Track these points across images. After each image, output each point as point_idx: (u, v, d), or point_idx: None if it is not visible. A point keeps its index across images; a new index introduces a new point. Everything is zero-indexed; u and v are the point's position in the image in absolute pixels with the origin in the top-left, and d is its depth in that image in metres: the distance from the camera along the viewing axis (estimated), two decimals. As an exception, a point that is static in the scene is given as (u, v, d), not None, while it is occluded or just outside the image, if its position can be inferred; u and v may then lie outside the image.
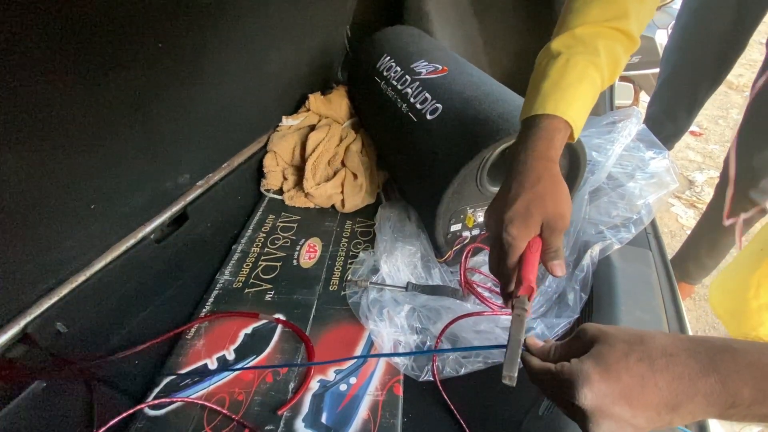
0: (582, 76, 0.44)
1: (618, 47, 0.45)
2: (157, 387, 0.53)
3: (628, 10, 0.44)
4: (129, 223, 0.65)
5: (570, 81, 0.43)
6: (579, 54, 0.44)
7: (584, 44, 0.44)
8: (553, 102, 0.43)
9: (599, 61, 0.44)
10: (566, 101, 0.43)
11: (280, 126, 0.94)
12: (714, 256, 1.29)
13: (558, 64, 0.44)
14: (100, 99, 0.50)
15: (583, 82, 0.43)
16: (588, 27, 0.45)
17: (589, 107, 0.45)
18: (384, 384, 0.54)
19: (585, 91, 0.44)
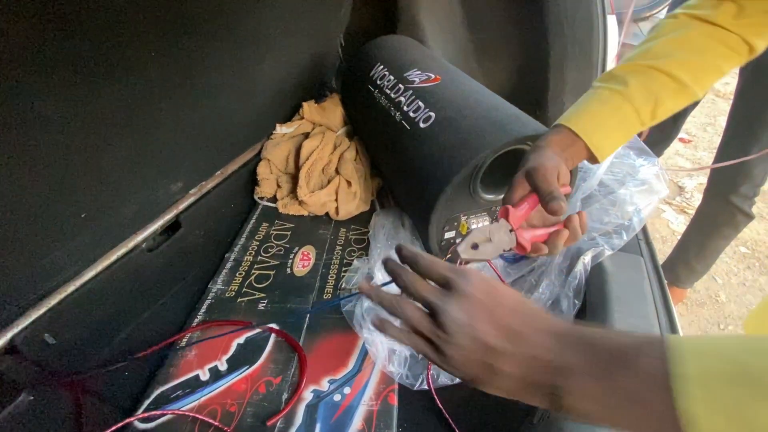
0: (602, 100, 0.46)
1: (655, 85, 0.45)
2: (147, 399, 0.52)
3: (670, 52, 0.45)
4: (120, 232, 0.64)
5: (588, 103, 0.46)
6: (605, 86, 0.46)
7: (615, 78, 0.46)
8: (564, 118, 0.46)
9: (626, 91, 0.45)
10: (576, 115, 0.46)
11: (274, 134, 0.94)
12: (703, 261, 1.31)
13: (584, 96, 0.48)
14: (91, 107, 0.50)
15: (599, 104, 0.46)
16: (624, 66, 0.47)
17: (607, 125, 0.45)
18: (378, 393, 0.54)
19: (599, 109, 0.45)
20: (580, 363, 0.26)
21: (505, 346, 0.28)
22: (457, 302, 0.30)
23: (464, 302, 0.30)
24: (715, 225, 1.23)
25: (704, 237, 1.26)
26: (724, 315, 1.44)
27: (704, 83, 0.46)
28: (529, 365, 0.27)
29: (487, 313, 0.29)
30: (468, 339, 0.29)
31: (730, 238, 1.25)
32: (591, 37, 0.96)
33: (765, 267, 1.61)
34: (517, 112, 0.65)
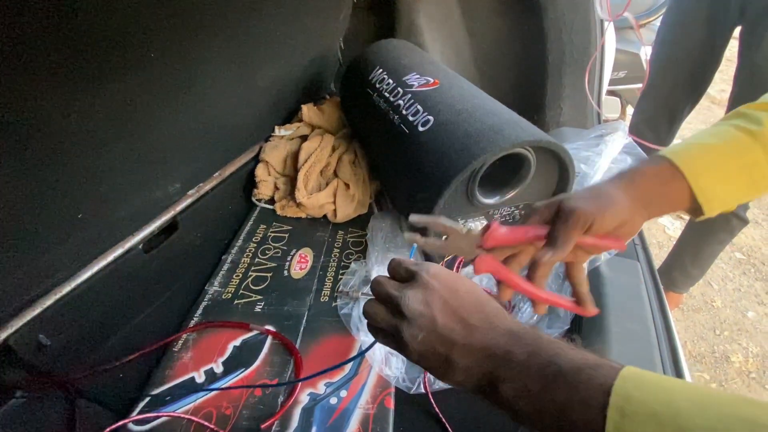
0: (724, 137, 0.36)
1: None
2: (141, 401, 0.52)
3: None
4: (117, 233, 0.64)
5: (703, 137, 0.37)
6: (731, 123, 0.37)
7: (745, 117, 0.37)
8: (668, 149, 0.37)
9: (761, 132, 0.35)
10: (685, 148, 0.36)
11: (273, 136, 0.94)
12: (699, 266, 1.31)
13: (699, 132, 0.38)
14: (89, 106, 0.50)
15: (717, 140, 0.36)
16: (758, 105, 0.37)
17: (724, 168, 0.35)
18: (375, 397, 0.53)
19: (718, 147, 0.35)
20: (525, 359, 0.26)
21: (459, 337, 0.28)
22: (416, 291, 0.30)
23: (422, 291, 0.30)
24: (711, 230, 1.24)
25: (700, 242, 1.27)
26: (720, 320, 1.45)
27: None
28: (479, 356, 0.28)
29: (442, 303, 0.29)
30: (423, 327, 0.29)
31: (725, 243, 1.26)
32: (589, 43, 0.97)
33: (760, 273, 1.62)
34: (515, 117, 0.65)
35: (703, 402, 0.21)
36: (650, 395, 0.21)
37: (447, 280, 0.31)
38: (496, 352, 0.27)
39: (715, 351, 1.35)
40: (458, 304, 0.29)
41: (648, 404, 0.21)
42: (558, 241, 0.34)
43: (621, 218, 0.35)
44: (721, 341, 1.38)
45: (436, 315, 0.29)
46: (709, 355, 1.34)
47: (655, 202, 0.36)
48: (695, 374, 1.28)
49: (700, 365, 1.31)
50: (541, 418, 0.25)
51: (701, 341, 1.38)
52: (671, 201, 0.36)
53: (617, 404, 0.22)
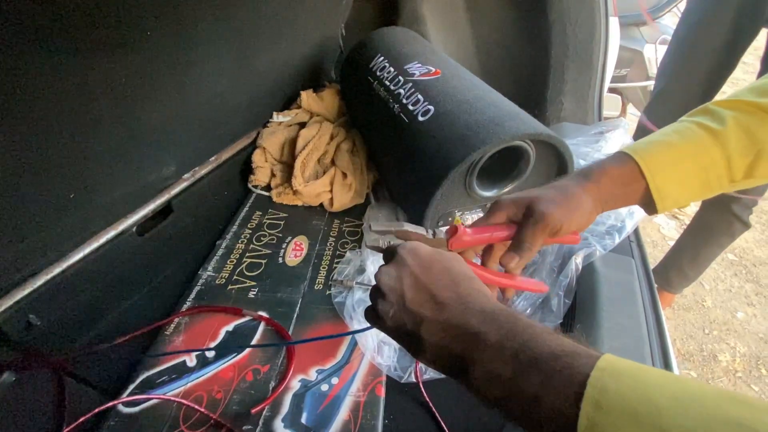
0: (686, 135, 0.36)
1: (763, 133, 0.35)
2: (132, 383, 0.52)
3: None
4: (110, 215, 0.63)
5: (666, 135, 0.37)
6: (695, 120, 0.37)
7: (711, 115, 0.37)
8: (631, 147, 0.37)
9: (722, 132, 0.35)
10: (647, 145, 0.37)
11: (270, 122, 0.93)
12: (696, 267, 1.32)
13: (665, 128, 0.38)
14: (83, 84, 0.49)
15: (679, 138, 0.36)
16: (727, 101, 0.37)
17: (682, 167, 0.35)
18: (366, 385, 0.54)
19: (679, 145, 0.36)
20: (497, 342, 0.25)
21: (427, 313, 0.28)
22: (389, 267, 0.30)
23: (395, 267, 0.30)
24: (712, 233, 1.24)
25: (700, 244, 1.28)
26: (710, 320, 1.46)
27: None
28: (448, 335, 0.27)
29: (413, 279, 0.29)
30: (394, 302, 0.29)
31: (724, 246, 1.27)
32: (592, 39, 0.96)
33: (751, 274, 1.64)
34: (516, 109, 0.65)
35: (687, 400, 0.19)
36: (628, 389, 0.20)
37: (423, 257, 0.30)
38: (466, 332, 0.26)
39: (704, 350, 1.37)
40: (429, 281, 0.29)
41: (626, 399, 0.20)
42: (525, 245, 0.34)
43: (586, 219, 0.36)
44: (710, 340, 1.40)
45: (405, 290, 0.29)
46: (697, 354, 1.36)
47: (613, 200, 0.37)
48: (683, 372, 1.30)
49: (688, 363, 1.33)
50: (511, 405, 0.24)
51: (690, 340, 1.40)
52: (628, 198, 0.37)
53: (593, 396, 0.20)
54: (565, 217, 0.34)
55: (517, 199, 0.36)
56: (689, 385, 0.21)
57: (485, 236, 0.36)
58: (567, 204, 0.35)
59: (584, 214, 0.36)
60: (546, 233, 0.35)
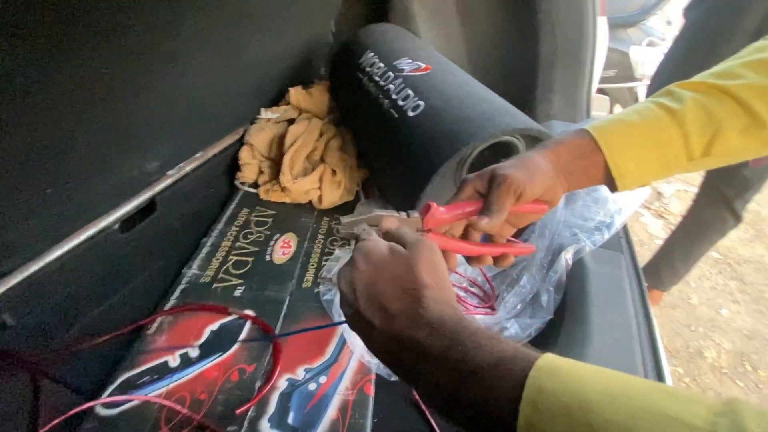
0: (644, 114, 0.36)
1: (720, 112, 0.35)
2: (111, 384, 0.50)
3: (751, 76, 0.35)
4: (90, 211, 0.61)
5: (626, 114, 0.37)
6: (655, 100, 0.37)
7: (671, 95, 0.37)
8: (591, 124, 0.38)
9: (680, 110, 0.35)
10: (606, 123, 0.37)
11: (258, 118, 0.91)
12: (687, 265, 1.34)
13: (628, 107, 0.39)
14: (63, 75, 0.47)
15: (638, 117, 0.36)
16: (688, 83, 0.37)
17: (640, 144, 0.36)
18: (355, 383, 0.53)
19: (637, 123, 0.36)
20: (441, 354, 0.25)
21: (378, 322, 0.28)
22: (345, 269, 0.30)
23: (350, 270, 0.30)
24: (707, 230, 1.25)
25: (694, 241, 1.29)
26: (695, 317, 1.49)
27: None
28: (397, 347, 0.27)
29: (365, 286, 0.29)
30: (350, 305, 0.29)
31: (715, 243, 1.28)
32: (581, 38, 0.96)
33: (735, 272, 1.67)
34: (506, 105, 0.64)
35: (616, 394, 0.20)
36: (562, 386, 0.20)
37: (376, 261, 0.29)
38: (412, 346, 0.26)
39: (690, 346, 1.39)
40: (380, 290, 0.28)
41: (560, 397, 0.20)
42: (493, 207, 0.34)
43: (547, 184, 0.36)
44: (696, 337, 1.42)
45: (358, 297, 0.29)
46: (684, 351, 1.38)
47: (575, 173, 0.37)
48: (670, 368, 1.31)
49: (675, 360, 1.35)
50: (457, 415, 0.24)
51: (677, 337, 1.42)
52: (589, 174, 0.37)
53: (529, 397, 0.21)
54: (526, 178, 0.35)
55: (482, 173, 0.37)
56: (620, 379, 0.21)
57: (458, 212, 0.36)
58: (526, 167, 0.36)
59: (544, 178, 0.36)
60: (511, 194, 0.35)
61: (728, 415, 0.18)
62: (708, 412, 0.18)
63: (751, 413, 0.18)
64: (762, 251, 1.76)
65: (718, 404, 0.19)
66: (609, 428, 0.19)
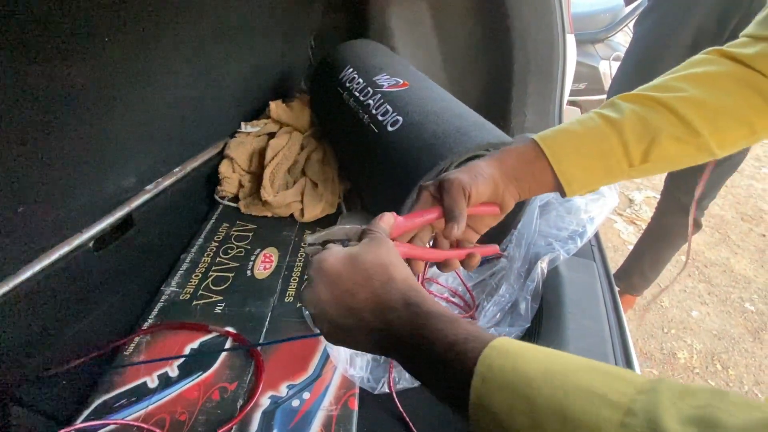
0: (587, 124, 0.39)
1: (656, 121, 0.37)
2: (87, 409, 0.49)
3: (685, 87, 0.37)
4: (63, 229, 0.59)
5: (570, 124, 0.39)
6: (598, 111, 0.39)
7: (612, 107, 0.39)
8: (540, 133, 0.40)
9: (619, 120, 0.37)
10: (552, 132, 0.39)
11: (239, 132, 0.91)
12: (656, 269, 1.39)
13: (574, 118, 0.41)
14: (33, 90, 0.46)
15: (581, 127, 0.39)
16: (628, 95, 0.40)
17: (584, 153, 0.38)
18: (339, 398, 0.53)
19: (580, 132, 0.38)
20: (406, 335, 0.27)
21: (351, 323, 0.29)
22: (306, 291, 0.32)
23: (310, 290, 0.31)
24: (670, 236, 1.31)
25: (660, 248, 1.34)
26: (668, 319, 1.54)
27: (725, 137, 0.37)
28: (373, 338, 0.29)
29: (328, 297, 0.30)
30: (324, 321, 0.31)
31: (679, 248, 1.34)
32: (552, 54, 1.01)
33: (703, 275, 1.75)
34: (481, 119, 0.67)
35: (554, 372, 0.22)
36: (510, 364, 0.22)
37: (329, 272, 0.30)
38: (385, 335, 0.28)
39: (663, 348, 1.44)
40: (341, 293, 0.29)
41: (506, 373, 0.22)
42: (455, 212, 0.36)
43: (492, 187, 0.38)
44: (669, 339, 1.47)
45: (326, 308, 0.30)
46: (657, 352, 1.43)
47: (523, 179, 0.39)
48: (645, 371, 1.35)
49: (649, 362, 1.39)
50: (432, 387, 0.27)
51: (651, 339, 1.47)
52: (538, 180, 0.39)
53: (481, 372, 0.23)
54: (473, 182, 0.37)
55: (433, 182, 0.40)
56: (561, 359, 0.23)
57: (418, 220, 0.38)
58: (470, 171, 0.38)
59: (489, 181, 0.38)
60: (461, 194, 0.36)
61: (648, 393, 0.19)
62: (632, 389, 0.20)
63: (671, 391, 0.19)
64: (727, 254, 1.85)
65: (644, 382, 0.20)
66: (544, 401, 0.21)
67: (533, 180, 0.39)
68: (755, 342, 1.46)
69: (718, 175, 1.15)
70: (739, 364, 1.39)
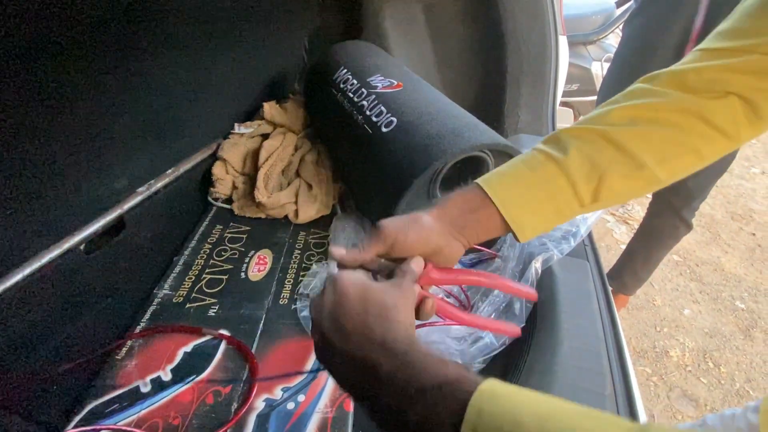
0: (532, 165, 0.37)
1: (602, 158, 0.36)
2: (78, 415, 0.48)
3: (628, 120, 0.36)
4: (53, 232, 0.59)
5: (515, 166, 0.38)
6: (543, 149, 0.38)
7: (557, 143, 0.38)
8: (483, 177, 0.38)
9: (565, 160, 0.36)
10: (498, 176, 0.38)
11: (232, 133, 0.91)
12: (647, 269, 1.41)
13: (517, 156, 0.40)
14: (24, 91, 0.46)
15: (527, 169, 0.38)
16: (572, 129, 0.38)
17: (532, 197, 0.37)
18: (334, 400, 0.52)
19: (527, 176, 0.37)
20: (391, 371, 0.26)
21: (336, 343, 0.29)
22: (316, 299, 0.32)
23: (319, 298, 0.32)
24: (661, 237, 1.32)
25: (651, 248, 1.36)
26: (660, 318, 1.56)
27: (672, 166, 0.36)
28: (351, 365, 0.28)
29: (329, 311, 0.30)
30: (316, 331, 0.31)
31: (671, 248, 1.36)
32: (544, 55, 1.01)
33: (695, 274, 1.77)
34: (475, 120, 0.67)
35: (545, 417, 0.21)
36: (500, 409, 0.22)
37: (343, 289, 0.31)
38: (364, 365, 0.27)
39: (656, 346, 1.45)
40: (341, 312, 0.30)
41: (496, 418, 0.22)
42: (360, 246, 0.35)
43: (426, 237, 0.36)
44: (662, 337, 1.48)
45: (323, 320, 0.30)
46: (650, 351, 1.44)
47: (469, 227, 0.37)
48: (638, 368, 1.37)
49: (643, 360, 1.41)
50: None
51: (644, 337, 1.48)
52: (485, 227, 0.37)
53: (470, 419, 0.22)
54: (401, 232, 0.35)
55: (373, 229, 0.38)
56: (551, 404, 0.23)
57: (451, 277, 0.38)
58: (406, 222, 0.36)
59: (426, 233, 0.36)
60: (380, 242, 0.35)
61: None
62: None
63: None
64: (718, 253, 1.87)
65: (634, 427, 0.20)
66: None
67: (480, 227, 0.37)
68: (746, 339, 1.48)
69: (708, 177, 1.17)
70: (731, 361, 1.41)
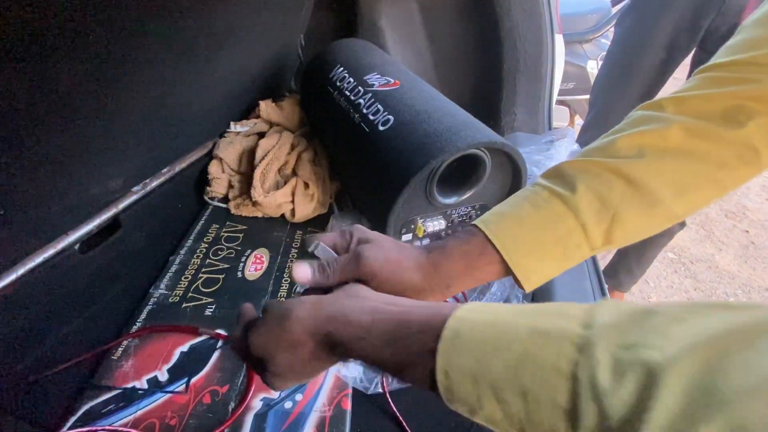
0: (538, 204, 0.34)
1: (613, 195, 0.32)
2: (73, 415, 0.47)
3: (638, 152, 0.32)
4: (47, 232, 0.58)
5: (519, 206, 0.35)
6: (547, 185, 0.35)
7: (562, 178, 0.34)
8: (482, 218, 0.35)
9: (573, 198, 0.33)
10: (500, 218, 0.35)
11: (228, 132, 0.90)
12: (642, 266, 1.42)
13: (518, 192, 0.37)
14: (15, 89, 0.45)
15: (533, 208, 0.34)
16: (577, 161, 0.35)
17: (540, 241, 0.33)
18: (332, 399, 0.52)
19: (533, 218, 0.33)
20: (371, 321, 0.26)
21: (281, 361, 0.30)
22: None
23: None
24: (655, 235, 1.33)
25: (645, 246, 1.37)
26: (655, 315, 1.57)
27: (691, 200, 0.33)
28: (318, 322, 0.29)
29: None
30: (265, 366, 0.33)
31: (665, 245, 1.37)
32: (541, 53, 1.02)
33: (689, 271, 1.78)
34: (472, 119, 0.67)
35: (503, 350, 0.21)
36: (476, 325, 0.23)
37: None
38: (336, 316, 0.27)
39: (651, 343, 1.47)
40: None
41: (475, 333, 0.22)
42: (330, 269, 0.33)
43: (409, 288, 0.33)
44: (656, 334, 1.50)
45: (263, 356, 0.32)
46: (646, 348, 1.45)
47: (461, 282, 0.34)
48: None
49: (638, 357, 1.42)
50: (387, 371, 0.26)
51: (639, 335, 1.49)
52: (482, 278, 0.34)
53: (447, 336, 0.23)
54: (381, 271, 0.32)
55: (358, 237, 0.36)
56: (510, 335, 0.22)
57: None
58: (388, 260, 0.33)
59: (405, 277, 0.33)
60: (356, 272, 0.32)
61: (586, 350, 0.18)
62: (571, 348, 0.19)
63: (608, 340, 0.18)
64: (712, 251, 1.89)
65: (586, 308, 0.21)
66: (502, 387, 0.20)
67: (475, 280, 0.34)
68: (739, 336, 1.50)
69: None
70: (724, 357, 1.42)
